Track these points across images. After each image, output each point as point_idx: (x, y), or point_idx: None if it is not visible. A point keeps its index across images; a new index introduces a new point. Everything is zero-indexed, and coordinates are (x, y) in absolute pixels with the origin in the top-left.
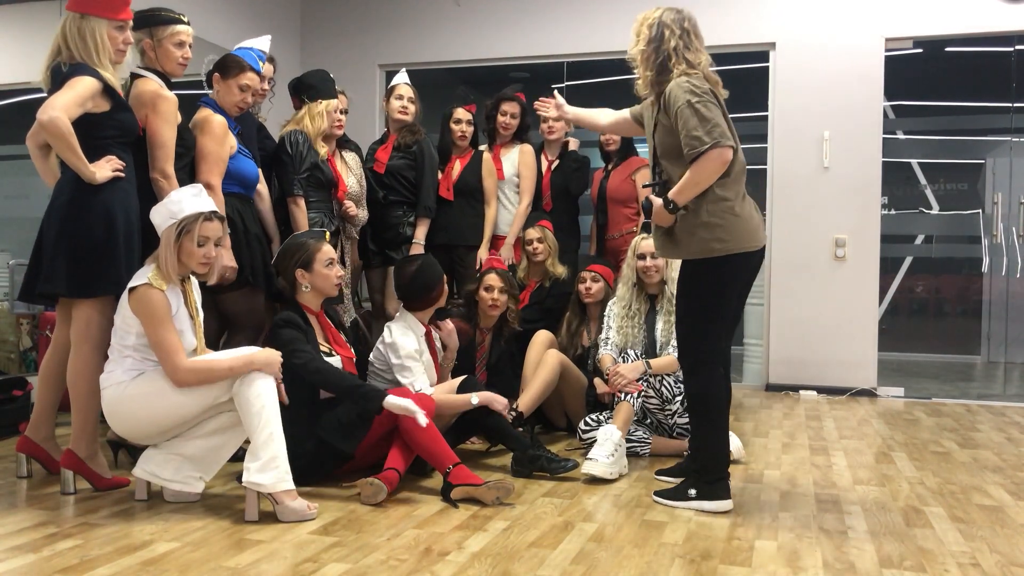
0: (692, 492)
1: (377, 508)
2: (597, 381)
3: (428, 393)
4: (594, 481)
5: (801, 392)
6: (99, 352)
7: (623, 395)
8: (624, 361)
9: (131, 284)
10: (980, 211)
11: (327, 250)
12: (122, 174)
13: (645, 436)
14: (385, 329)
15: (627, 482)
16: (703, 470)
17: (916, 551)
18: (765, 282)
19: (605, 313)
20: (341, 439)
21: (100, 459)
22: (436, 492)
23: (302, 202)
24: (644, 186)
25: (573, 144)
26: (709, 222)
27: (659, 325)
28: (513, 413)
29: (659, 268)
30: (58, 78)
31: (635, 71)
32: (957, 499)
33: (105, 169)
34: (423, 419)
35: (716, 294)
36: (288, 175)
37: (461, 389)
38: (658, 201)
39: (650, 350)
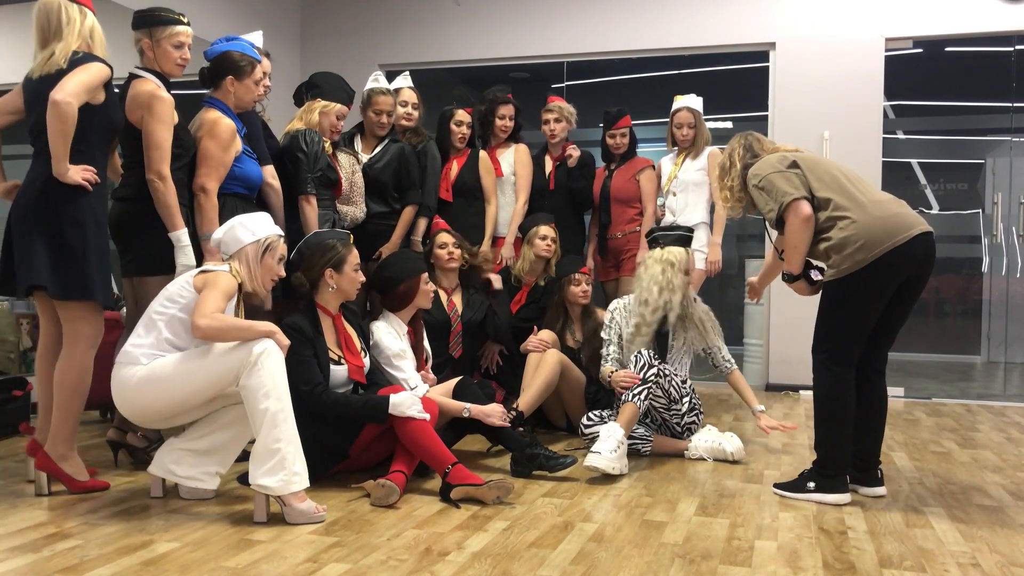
0: (811, 485)
1: (377, 508)
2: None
3: (425, 392)
4: (596, 479)
5: (801, 392)
6: (90, 353)
7: (626, 394)
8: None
9: (203, 268)
10: (980, 211)
11: (356, 254)
12: (90, 187)
13: (647, 434)
14: (371, 330)
15: (627, 482)
16: (823, 465)
17: (916, 551)
18: None
19: (607, 323)
20: (337, 437)
21: (75, 461)
22: (436, 492)
23: (314, 200)
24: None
25: (573, 150)
26: (837, 241)
27: (673, 344)
28: (513, 413)
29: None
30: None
31: (727, 204)
32: (957, 499)
33: (77, 175)
34: (422, 414)
35: (853, 306)
36: (302, 173)
37: (456, 390)
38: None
39: (661, 353)
